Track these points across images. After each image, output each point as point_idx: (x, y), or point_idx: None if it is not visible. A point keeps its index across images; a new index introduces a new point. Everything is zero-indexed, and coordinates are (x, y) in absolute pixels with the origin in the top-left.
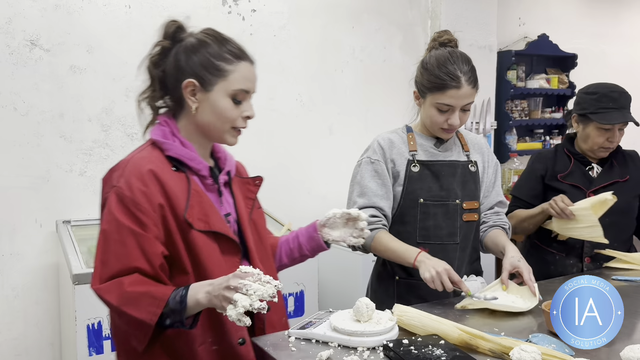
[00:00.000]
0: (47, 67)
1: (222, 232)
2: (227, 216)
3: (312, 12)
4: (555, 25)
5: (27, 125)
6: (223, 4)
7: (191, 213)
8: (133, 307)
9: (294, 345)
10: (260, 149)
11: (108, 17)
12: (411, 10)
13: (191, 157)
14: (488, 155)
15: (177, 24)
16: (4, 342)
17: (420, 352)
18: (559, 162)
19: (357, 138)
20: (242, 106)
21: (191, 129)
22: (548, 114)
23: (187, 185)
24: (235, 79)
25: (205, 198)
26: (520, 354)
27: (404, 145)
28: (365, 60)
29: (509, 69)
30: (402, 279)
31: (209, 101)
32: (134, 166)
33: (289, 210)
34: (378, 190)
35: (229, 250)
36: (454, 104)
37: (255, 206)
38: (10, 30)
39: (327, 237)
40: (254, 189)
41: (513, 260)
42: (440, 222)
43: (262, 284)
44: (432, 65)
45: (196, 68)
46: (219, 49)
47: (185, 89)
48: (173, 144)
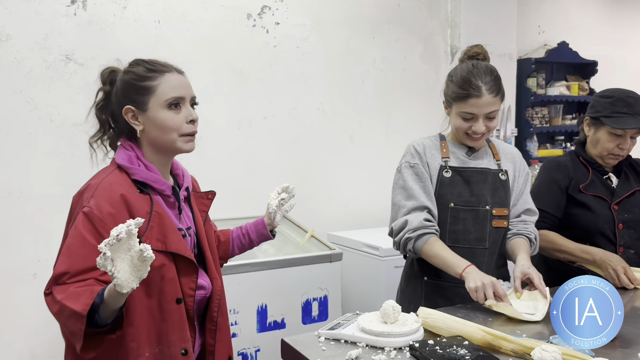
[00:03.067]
0: (81, 80)
1: (179, 252)
2: (187, 229)
3: (333, 24)
4: (575, 32)
5: (63, 136)
6: (248, 18)
7: (150, 234)
8: (73, 301)
9: (323, 345)
10: (283, 158)
11: (138, 31)
12: (431, 20)
13: (155, 180)
14: (520, 165)
15: (109, 69)
16: (39, 345)
17: (445, 351)
18: (578, 171)
19: (378, 146)
20: (181, 112)
21: (150, 152)
22: (569, 121)
23: (150, 207)
24: (163, 91)
25: (166, 219)
26: (541, 353)
27: (436, 151)
28: (386, 70)
29: (529, 77)
30: (430, 279)
31: (149, 119)
32: (105, 190)
33: (312, 217)
34: (423, 192)
35: (186, 269)
36: (476, 112)
37: (207, 219)
38: (47, 45)
39: (276, 224)
40: (208, 202)
41: (523, 268)
42: (469, 226)
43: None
44: (456, 77)
45: (128, 95)
46: (141, 71)
47: (126, 115)
48: (138, 169)
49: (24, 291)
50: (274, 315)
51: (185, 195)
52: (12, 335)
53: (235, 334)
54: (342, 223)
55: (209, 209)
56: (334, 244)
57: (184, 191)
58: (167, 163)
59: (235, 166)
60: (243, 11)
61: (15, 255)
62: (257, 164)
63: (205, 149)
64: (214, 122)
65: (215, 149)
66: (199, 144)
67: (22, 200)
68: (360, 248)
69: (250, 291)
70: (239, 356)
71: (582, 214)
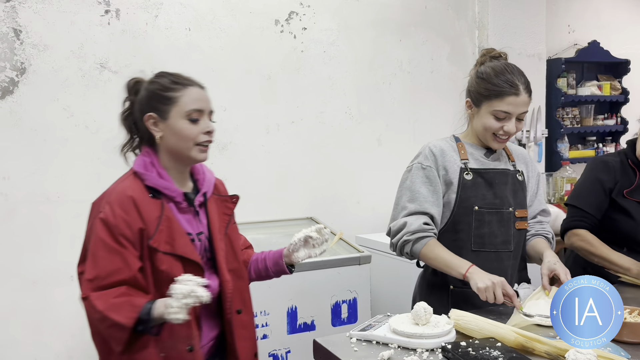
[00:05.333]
0: (115, 88)
1: (185, 255)
2: (198, 234)
3: (360, 28)
4: (605, 31)
5: (98, 142)
6: (276, 24)
7: (158, 237)
8: (115, 312)
9: (355, 346)
10: (311, 161)
11: (170, 39)
12: (458, 21)
13: (166, 187)
14: (531, 165)
15: (134, 80)
16: (77, 345)
17: (478, 353)
18: (625, 174)
19: (405, 149)
20: (199, 124)
21: (167, 158)
22: (600, 121)
23: (161, 211)
24: (185, 102)
25: (175, 224)
26: (576, 355)
27: (455, 153)
28: (413, 72)
29: (559, 77)
30: (457, 287)
31: (169, 127)
32: (118, 195)
33: (339, 220)
34: (429, 197)
35: (192, 271)
36: (512, 111)
37: (231, 222)
38: (82, 54)
39: (295, 260)
40: (231, 206)
41: (550, 265)
42: (495, 229)
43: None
44: (489, 75)
45: (152, 104)
46: (166, 83)
47: (147, 122)
48: (151, 175)
49: (62, 293)
50: (303, 317)
51: (202, 200)
52: (50, 336)
53: (266, 336)
54: (370, 226)
55: (233, 212)
56: (362, 246)
57: (200, 197)
58: (183, 170)
59: (263, 170)
60: (271, 17)
61: (52, 258)
62: (285, 167)
63: (235, 153)
64: (243, 127)
65: (244, 153)
66: (229, 148)
67: (59, 205)
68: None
69: (280, 293)
70: (270, 357)
71: (622, 219)
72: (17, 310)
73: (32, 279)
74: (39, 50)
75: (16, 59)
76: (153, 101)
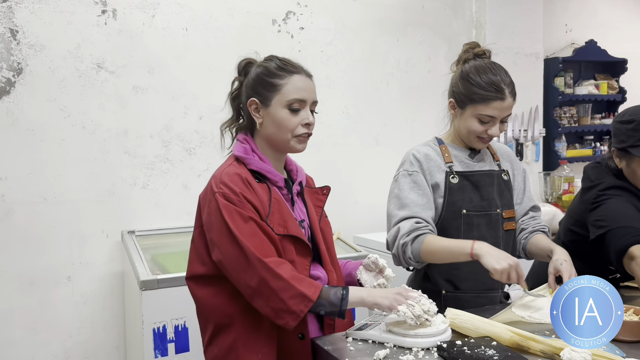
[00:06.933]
0: (112, 88)
1: (299, 236)
2: (301, 222)
3: (357, 28)
4: (603, 30)
5: (94, 142)
6: (273, 24)
7: (272, 219)
8: (298, 283)
9: (351, 345)
10: (308, 160)
11: (167, 39)
12: (455, 20)
13: (269, 170)
14: (516, 162)
15: (246, 61)
16: (74, 345)
17: (474, 352)
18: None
19: (403, 148)
20: (300, 114)
21: (264, 145)
22: (598, 120)
23: (269, 194)
24: (288, 91)
25: (284, 206)
26: (570, 354)
27: (439, 157)
28: (411, 72)
29: (557, 76)
30: (449, 292)
31: (269, 115)
32: (230, 176)
33: (337, 219)
34: (419, 201)
35: (302, 253)
36: (497, 115)
37: (323, 215)
38: (79, 54)
39: (359, 276)
40: (323, 197)
41: (556, 264)
42: (484, 232)
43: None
44: (473, 77)
45: (256, 88)
46: (273, 68)
47: (249, 107)
48: (253, 159)
49: (59, 294)
50: None
51: (299, 189)
52: (47, 337)
53: None
54: (368, 225)
55: (324, 204)
56: (360, 246)
57: (297, 185)
58: (280, 159)
59: None
60: (268, 17)
61: (50, 258)
62: None
63: None
64: None
65: None
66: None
67: (56, 205)
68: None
69: None
70: None
71: None
72: (14, 311)
73: (29, 280)
74: (35, 50)
75: (13, 59)
76: (258, 86)
